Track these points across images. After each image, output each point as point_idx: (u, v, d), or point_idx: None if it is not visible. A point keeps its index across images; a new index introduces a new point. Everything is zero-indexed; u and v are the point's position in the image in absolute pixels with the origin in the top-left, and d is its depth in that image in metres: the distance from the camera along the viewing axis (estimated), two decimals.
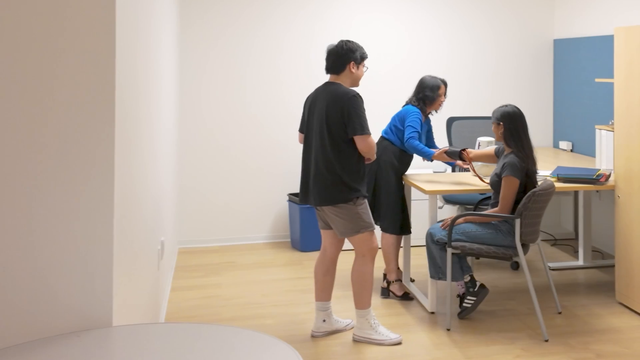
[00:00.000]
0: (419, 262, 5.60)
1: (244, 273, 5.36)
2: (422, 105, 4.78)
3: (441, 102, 4.79)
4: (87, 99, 2.16)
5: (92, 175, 2.16)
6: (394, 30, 6.45)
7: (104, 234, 2.17)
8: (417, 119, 4.69)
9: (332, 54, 4.00)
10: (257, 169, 6.28)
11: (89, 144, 2.16)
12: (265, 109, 6.28)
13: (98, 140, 2.16)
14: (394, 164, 4.71)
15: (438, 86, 4.77)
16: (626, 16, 5.62)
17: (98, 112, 2.17)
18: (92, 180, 2.16)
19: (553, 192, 4.13)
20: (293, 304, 4.65)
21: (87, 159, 2.16)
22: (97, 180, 2.17)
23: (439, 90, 4.77)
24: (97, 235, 2.17)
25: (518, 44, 6.66)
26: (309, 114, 4.02)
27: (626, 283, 4.44)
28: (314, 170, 3.93)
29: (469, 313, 4.31)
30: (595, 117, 5.95)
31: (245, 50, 6.22)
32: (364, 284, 3.97)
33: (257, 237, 6.30)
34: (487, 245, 4.16)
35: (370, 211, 4.04)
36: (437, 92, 4.76)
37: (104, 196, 2.17)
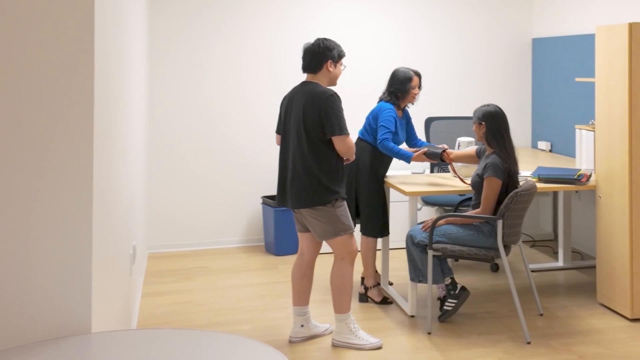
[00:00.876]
0: (397, 265, 5.65)
1: (217, 278, 5.36)
2: (394, 100, 4.71)
3: (415, 95, 4.71)
4: (66, 103, 2.15)
5: (70, 179, 2.15)
6: (371, 29, 6.50)
7: (82, 239, 2.17)
8: (390, 117, 4.62)
9: (309, 52, 4.02)
10: (230, 171, 6.28)
11: (67, 146, 2.15)
12: (238, 110, 6.28)
13: (76, 143, 2.16)
14: (373, 165, 4.70)
15: (410, 78, 4.69)
16: (605, 15, 5.74)
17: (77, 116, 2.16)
18: (70, 184, 2.16)
19: (535, 192, 4.20)
20: (269, 309, 4.66)
21: (65, 164, 2.15)
22: (76, 185, 2.16)
23: (411, 82, 4.69)
24: (75, 240, 2.16)
25: (496, 44, 6.75)
26: (285, 115, 4.04)
27: (607, 284, 4.54)
28: (291, 172, 3.94)
29: (449, 316, 4.36)
30: (575, 116, 6.07)
31: (217, 49, 6.22)
32: (344, 288, 3.99)
33: (229, 241, 6.30)
34: (469, 247, 4.22)
35: (349, 213, 4.06)
36: (409, 85, 4.68)
37: (83, 201, 2.16)
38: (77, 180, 2.17)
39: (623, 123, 4.34)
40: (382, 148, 4.58)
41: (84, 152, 2.17)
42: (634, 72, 4.28)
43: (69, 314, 2.16)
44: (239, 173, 6.30)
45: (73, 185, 2.16)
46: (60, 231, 2.15)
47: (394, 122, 4.62)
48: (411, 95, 4.70)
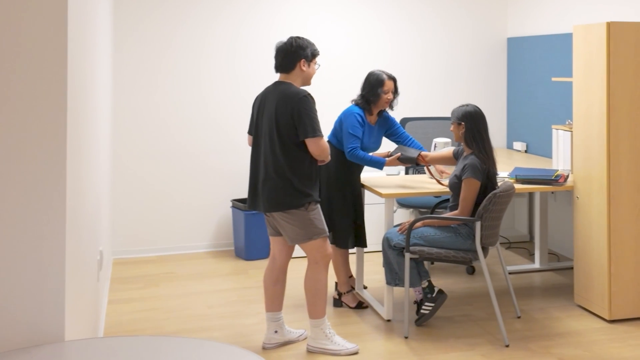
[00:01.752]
0: (372, 269, 5.68)
1: (186, 284, 5.33)
2: (365, 104, 4.65)
3: (388, 100, 4.63)
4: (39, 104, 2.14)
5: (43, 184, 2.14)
6: (346, 28, 6.53)
7: (55, 245, 2.15)
8: (355, 123, 4.54)
9: (281, 51, 4.03)
10: (198, 173, 6.26)
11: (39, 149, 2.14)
12: (207, 110, 6.26)
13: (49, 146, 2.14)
14: (339, 171, 4.65)
15: (381, 82, 4.62)
16: (581, 14, 5.85)
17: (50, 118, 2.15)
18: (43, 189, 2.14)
19: (513, 193, 4.27)
20: (241, 315, 4.66)
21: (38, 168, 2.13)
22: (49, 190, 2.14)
23: (383, 86, 4.61)
24: (48, 246, 2.14)
25: (471, 43, 6.84)
26: (257, 115, 4.04)
27: (585, 285, 4.63)
28: (263, 175, 3.94)
29: (426, 320, 4.41)
30: (551, 117, 6.17)
31: (183, 48, 6.19)
32: (318, 293, 4.01)
33: (198, 245, 6.27)
34: (447, 249, 4.27)
35: (323, 217, 4.07)
36: (380, 89, 4.60)
37: (56, 206, 2.15)
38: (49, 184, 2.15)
39: (601, 123, 4.43)
40: (352, 158, 4.53)
41: (56, 154, 2.16)
42: (612, 72, 4.38)
43: (42, 322, 2.14)
44: (208, 175, 6.28)
45: (45, 189, 2.15)
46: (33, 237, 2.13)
47: (359, 127, 4.56)
48: (383, 100, 4.62)
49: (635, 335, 4.24)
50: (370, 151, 4.73)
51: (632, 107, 4.41)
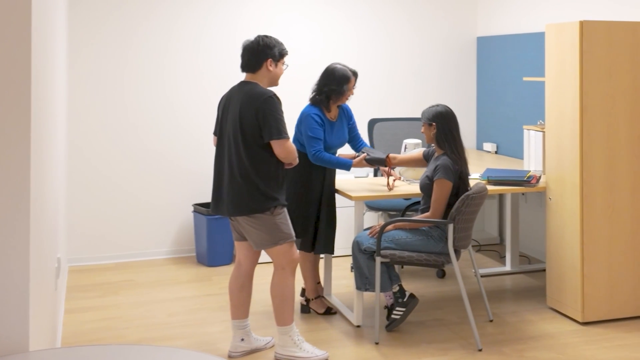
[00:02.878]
0: (340, 274, 5.72)
1: (146, 292, 5.31)
2: (324, 101, 4.64)
3: (348, 97, 4.67)
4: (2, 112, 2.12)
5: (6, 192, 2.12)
6: (313, 27, 6.56)
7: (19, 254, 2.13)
8: (313, 125, 4.54)
9: (248, 50, 4.03)
10: (158, 177, 6.22)
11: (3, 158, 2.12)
12: (167, 112, 6.23)
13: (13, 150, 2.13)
14: (301, 174, 4.66)
15: (348, 79, 4.64)
16: (552, 13, 5.97)
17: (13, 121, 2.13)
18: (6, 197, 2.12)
19: (486, 195, 4.34)
20: (205, 323, 4.65)
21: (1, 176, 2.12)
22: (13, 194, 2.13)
23: (349, 83, 4.64)
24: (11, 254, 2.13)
25: (440, 42, 6.92)
26: (222, 116, 4.04)
27: (557, 287, 4.73)
28: (227, 178, 3.95)
29: (397, 325, 4.46)
30: (522, 117, 6.28)
31: (141, 48, 6.16)
32: (285, 299, 4.02)
33: (158, 252, 6.24)
34: (418, 253, 4.32)
35: (289, 221, 4.08)
36: (346, 86, 4.63)
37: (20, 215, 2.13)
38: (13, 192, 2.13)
39: (574, 123, 4.54)
40: (316, 161, 4.54)
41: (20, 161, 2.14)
42: (585, 71, 4.48)
43: (7, 333, 2.13)
44: (168, 179, 6.25)
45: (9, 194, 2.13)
46: None
47: (319, 128, 4.56)
48: (345, 97, 4.66)
49: (609, 338, 4.35)
50: (337, 148, 4.74)
51: (605, 107, 4.52)
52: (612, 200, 4.56)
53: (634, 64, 4.57)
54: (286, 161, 3.93)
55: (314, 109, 4.64)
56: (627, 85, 4.56)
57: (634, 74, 4.57)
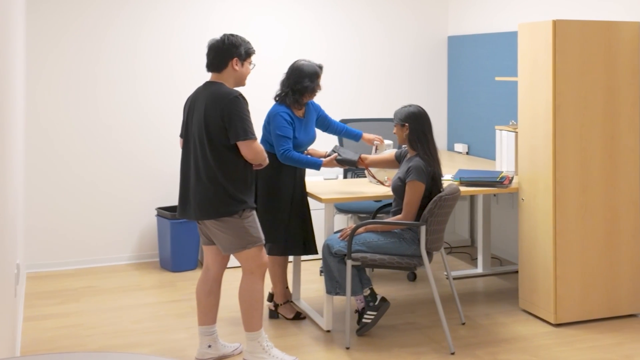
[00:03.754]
0: (309, 278, 5.74)
1: (108, 298, 5.27)
2: (297, 98, 4.66)
3: (317, 91, 4.71)
4: None
5: None
6: (280, 26, 6.57)
7: None
8: (283, 123, 4.57)
9: (213, 49, 4.03)
10: (120, 180, 6.18)
11: None
12: (129, 112, 6.20)
13: None
14: (269, 176, 4.67)
15: (317, 74, 4.70)
16: (524, 12, 6.06)
17: None
18: None
19: (459, 196, 4.40)
20: (170, 330, 4.64)
21: None
22: None
23: (318, 78, 4.71)
24: None
25: (410, 41, 6.97)
26: (188, 118, 4.03)
27: (530, 289, 4.81)
28: (194, 181, 3.94)
29: (368, 329, 4.49)
30: (493, 117, 6.36)
31: (101, 48, 6.12)
32: (254, 304, 4.03)
33: (119, 257, 6.20)
34: (390, 255, 4.36)
35: (259, 224, 4.08)
36: (316, 81, 4.69)
37: None
38: None
39: (547, 123, 4.62)
40: (285, 160, 4.55)
41: None
42: (558, 70, 4.57)
43: None
44: (130, 182, 6.21)
45: None
46: None
47: (288, 127, 4.59)
48: (315, 92, 4.70)
49: (582, 339, 4.43)
50: (307, 146, 4.76)
51: (578, 107, 4.61)
52: (585, 200, 4.64)
53: (607, 63, 4.66)
54: (254, 162, 3.93)
55: (282, 107, 4.66)
56: (600, 85, 4.65)
57: (607, 74, 4.67)
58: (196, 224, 5.89)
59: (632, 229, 4.76)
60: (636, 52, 4.72)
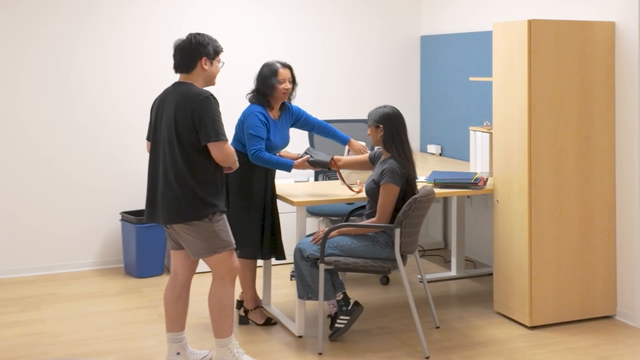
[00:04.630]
0: (279, 283, 5.76)
1: (71, 305, 5.24)
2: (262, 99, 4.69)
3: (285, 90, 4.67)
4: None
5: None
6: (250, 25, 6.57)
7: None
8: (257, 123, 4.58)
9: (180, 49, 4.02)
10: (83, 184, 6.14)
11: None
12: (94, 113, 6.16)
13: None
14: (242, 177, 4.68)
15: (275, 71, 4.67)
16: (498, 12, 6.13)
17: None
18: None
19: (434, 198, 4.44)
20: (137, 338, 4.62)
21: None
22: None
23: (277, 76, 4.67)
24: None
25: (381, 41, 7.02)
26: (156, 119, 4.02)
27: (505, 292, 4.88)
28: (162, 184, 3.93)
29: (341, 334, 4.51)
30: (467, 118, 6.43)
31: (66, 46, 6.08)
32: (224, 310, 4.03)
33: (82, 263, 6.16)
34: (364, 259, 4.39)
35: (229, 228, 4.09)
36: (274, 79, 4.66)
37: None
38: None
39: (522, 123, 4.69)
40: (256, 161, 4.56)
41: None
42: (534, 70, 4.64)
43: None
44: (94, 185, 6.17)
45: None
46: None
47: (262, 127, 4.60)
48: (280, 91, 4.67)
49: (557, 341, 4.51)
50: (280, 149, 4.78)
51: (553, 107, 4.69)
52: (560, 201, 4.73)
53: (582, 63, 4.75)
54: (224, 165, 3.94)
55: (258, 107, 4.68)
56: (575, 85, 4.74)
57: (581, 74, 4.75)
58: (163, 228, 5.88)
59: (607, 229, 4.86)
60: (611, 52, 4.82)
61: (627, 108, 4.76)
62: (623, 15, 4.76)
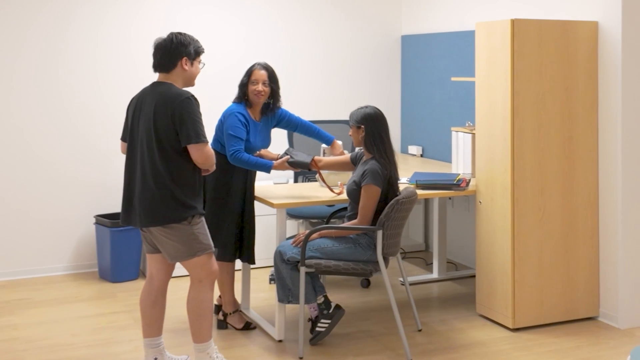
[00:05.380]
0: (258, 286, 5.76)
1: (45, 311, 5.21)
2: (242, 99, 4.74)
3: (257, 92, 4.69)
4: None
5: None
6: (227, 25, 6.56)
7: None
8: (236, 123, 4.61)
9: (160, 48, 4.02)
10: (56, 186, 6.11)
11: None
12: (65, 115, 6.13)
13: None
14: (219, 178, 4.70)
15: (248, 71, 4.74)
16: (480, 11, 6.17)
17: None
18: None
19: (416, 199, 4.48)
20: (113, 343, 4.61)
21: None
22: None
23: (251, 75, 4.72)
24: None
25: (361, 41, 7.05)
26: (133, 120, 4.00)
27: (487, 294, 4.93)
28: (140, 186, 3.92)
29: (322, 338, 4.53)
30: (448, 119, 6.47)
31: (38, 44, 6.05)
32: (203, 314, 4.03)
33: (56, 267, 6.13)
34: (345, 262, 4.41)
35: (208, 231, 4.09)
36: (245, 78, 4.72)
37: None
38: None
39: (505, 123, 4.73)
40: (235, 161, 4.58)
41: None
42: (517, 70, 4.68)
43: None
44: (67, 188, 6.15)
45: None
46: None
47: (241, 127, 4.63)
48: (251, 92, 4.70)
49: (540, 343, 4.56)
50: (255, 150, 4.77)
51: (536, 107, 4.74)
52: (543, 202, 4.78)
53: (565, 63, 4.81)
54: (203, 167, 3.94)
55: (238, 107, 4.71)
56: (558, 85, 4.80)
57: (564, 74, 4.81)
58: (139, 231, 5.86)
59: (590, 230, 4.92)
60: (594, 51, 4.88)
61: (610, 108, 4.83)
62: (606, 15, 4.83)
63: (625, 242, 4.82)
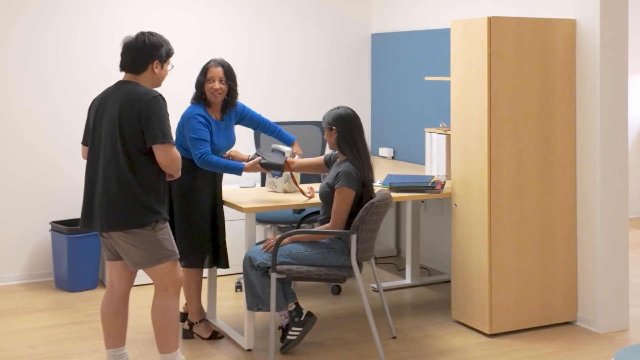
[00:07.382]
0: (224, 294, 5.78)
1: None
2: (200, 98, 4.76)
3: (214, 90, 4.68)
4: None
5: None
6: (194, 23, 6.55)
7: None
8: (197, 125, 4.62)
9: (131, 49, 3.99)
10: (9, 190, 6.06)
11: None
12: (19, 118, 6.09)
13: None
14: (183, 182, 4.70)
15: (203, 69, 4.74)
16: (454, 8, 6.23)
17: None
18: None
19: (391, 202, 4.53)
20: (72, 355, 4.59)
21: None
22: None
23: (206, 73, 4.72)
24: None
25: (329, 39, 7.08)
26: (95, 121, 3.98)
27: (463, 299, 5.01)
28: (101, 189, 3.90)
29: (294, 346, 4.56)
30: (421, 119, 6.53)
31: None
32: (169, 323, 4.03)
33: (8, 277, 6.09)
34: (318, 267, 4.44)
35: (172, 236, 4.10)
36: (201, 76, 4.74)
37: None
38: None
39: (482, 124, 4.81)
40: (203, 165, 4.59)
41: None
42: (494, 69, 4.76)
43: None
44: (22, 192, 6.10)
45: None
46: None
47: (203, 129, 4.64)
48: (207, 90, 4.71)
49: (517, 349, 4.64)
50: (225, 150, 4.80)
51: (514, 107, 4.82)
52: (521, 204, 4.87)
53: (543, 61, 4.90)
54: (167, 170, 3.93)
55: (197, 108, 4.71)
56: (535, 84, 4.88)
57: (542, 73, 4.90)
58: (97, 238, 5.85)
59: (567, 232, 5.02)
60: (572, 50, 4.98)
61: (588, 107, 4.93)
62: (584, 13, 4.93)
63: (604, 244, 4.92)
